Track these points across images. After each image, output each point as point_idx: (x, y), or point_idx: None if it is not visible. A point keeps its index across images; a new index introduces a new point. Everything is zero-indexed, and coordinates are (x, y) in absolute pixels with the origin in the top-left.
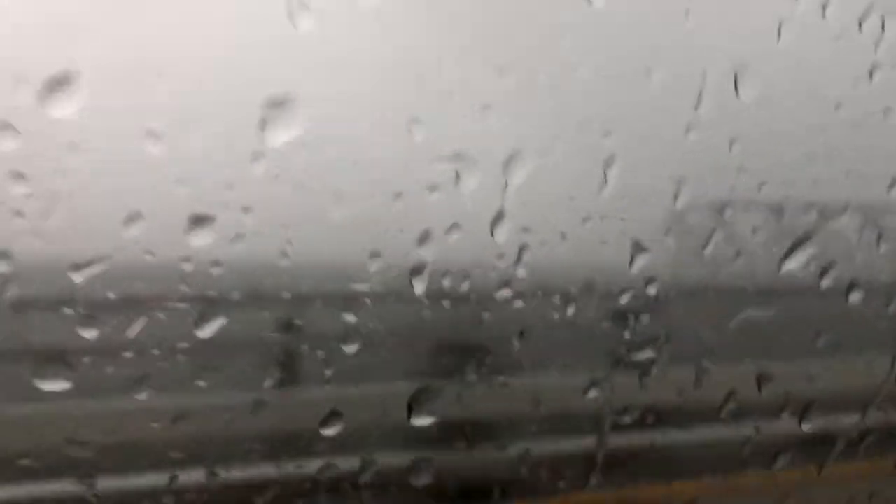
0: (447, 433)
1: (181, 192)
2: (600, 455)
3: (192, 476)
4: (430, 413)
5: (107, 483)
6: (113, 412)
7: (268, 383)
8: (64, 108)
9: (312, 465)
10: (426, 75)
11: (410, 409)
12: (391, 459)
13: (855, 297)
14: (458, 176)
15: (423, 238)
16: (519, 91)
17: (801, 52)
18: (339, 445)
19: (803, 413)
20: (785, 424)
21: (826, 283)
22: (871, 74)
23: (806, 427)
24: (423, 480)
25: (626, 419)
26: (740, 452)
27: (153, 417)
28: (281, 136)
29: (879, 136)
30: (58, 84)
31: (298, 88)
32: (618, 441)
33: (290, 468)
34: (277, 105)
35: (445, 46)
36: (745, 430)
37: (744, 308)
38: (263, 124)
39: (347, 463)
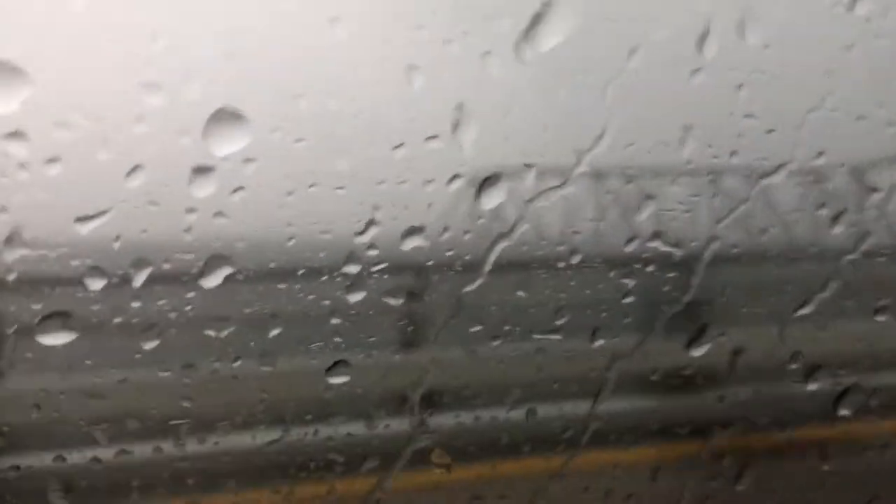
0: None
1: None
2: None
3: (200, 426)
4: None
5: (114, 429)
6: (121, 361)
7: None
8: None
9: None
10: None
11: None
12: None
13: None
14: (456, 125)
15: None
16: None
17: None
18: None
19: None
20: None
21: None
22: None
23: None
24: None
25: None
26: None
27: (162, 366)
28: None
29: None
30: None
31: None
32: None
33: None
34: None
35: None
36: None
37: None
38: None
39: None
